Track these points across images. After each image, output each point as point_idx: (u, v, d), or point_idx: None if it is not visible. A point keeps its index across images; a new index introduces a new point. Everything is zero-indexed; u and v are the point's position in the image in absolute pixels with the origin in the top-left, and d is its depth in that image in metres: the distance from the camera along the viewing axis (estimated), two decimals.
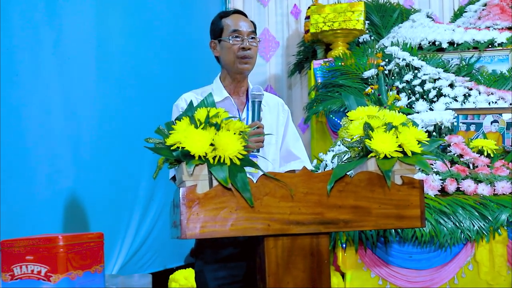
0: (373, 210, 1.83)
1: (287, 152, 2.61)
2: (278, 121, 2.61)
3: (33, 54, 3.03)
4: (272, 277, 1.83)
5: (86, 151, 3.46)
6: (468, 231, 3.33)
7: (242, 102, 2.56)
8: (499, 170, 3.68)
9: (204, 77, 4.96)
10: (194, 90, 2.56)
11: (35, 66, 3.04)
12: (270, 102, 2.59)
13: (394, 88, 4.66)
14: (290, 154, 2.61)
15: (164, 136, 1.79)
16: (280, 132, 2.61)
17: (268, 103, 2.56)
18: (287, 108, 2.70)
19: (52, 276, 2.39)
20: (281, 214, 1.78)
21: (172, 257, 4.46)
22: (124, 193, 3.88)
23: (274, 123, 2.58)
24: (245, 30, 2.50)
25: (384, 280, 3.40)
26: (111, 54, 3.76)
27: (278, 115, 2.62)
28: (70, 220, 3.23)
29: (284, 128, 2.63)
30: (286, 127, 2.64)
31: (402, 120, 1.91)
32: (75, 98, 3.37)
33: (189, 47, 4.89)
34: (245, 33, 2.49)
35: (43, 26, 3.13)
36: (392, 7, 6.10)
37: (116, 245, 3.75)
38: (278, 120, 2.61)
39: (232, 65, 2.50)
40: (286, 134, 2.63)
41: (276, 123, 2.60)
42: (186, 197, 1.72)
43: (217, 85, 2.56)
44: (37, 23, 3.08)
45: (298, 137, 2.67)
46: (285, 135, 2.63)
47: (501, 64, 4.96)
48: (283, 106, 2.68)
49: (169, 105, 2.54)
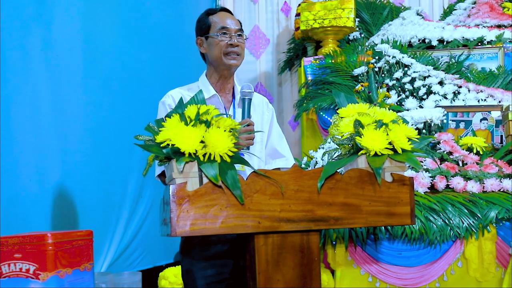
0: (363, 208, 1.83)
1: (272, 150, 2.62)
2: (263, 119, 2.62)
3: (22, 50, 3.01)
4: (262, 274, 1.83)
5: (75, 148, 3.44)
6: (457, 228, 3.35)
7: (229, 100, 2.56)
8: (488, 168, 3.70)
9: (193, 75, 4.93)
10: (180, 87, 2.56)
11: (24, 63, 3.03)
12: (255, 101, 2.59)
13: (384, 85, 4.67)
14: (275, 152, 2.62)
15: (154, 133, 1.78)
16: (265, 130, 2.61)
17: (253, 102, 2.56)
18: (271, 106, 2.71)
19: (41, 274, 2.38)
20: (271, 211, 1.78)
21: (162, 255, 4.45)
22: (113, 190, 3.86)
23: (259, 121, 2.59)
24: (232, 27, 2.50)
25: (374, 277, 3.41)
26: (99, 51, 3.75)
27: (263, 114, 2.63)
28: (59, 217, 3.21)
29: (269, 126, 2.64)
30: (271, 125, 2.65)
31: (393, 117, 1.91)
32: (64, 95, 3.35)
33: (178, 44, 4.88)
34: (232, 30, 2.50)
35: (31, 23, 3.11)
36: (382, 5, 6.11)
37: (105, 243, 3.74)
38: (263, 118, 2.62)
39: (219, 60, 2.49)
40: (271, 132, 2.64)
41: (261, 121, 2.60)
42: (176, 194, 1.72)
43: (204, 82, 2.56)
44: (25, 20, 3.06)
45: (282, 136, 2.69)
46: (270, 133, 2.64)
47: (490, 61, 4.98)
48: (268, 104, 2.68)
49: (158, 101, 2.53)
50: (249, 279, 1.94)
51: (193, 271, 2.39)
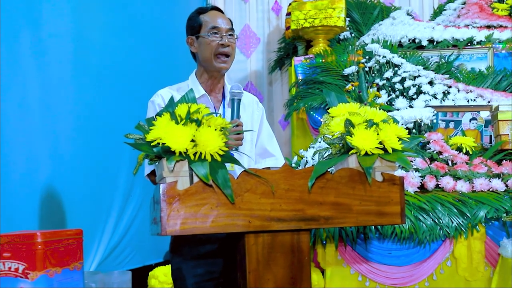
0: (353, 207, 1.83)
1: (262, 150, 2.61)
2: (253, 118, 2.61)
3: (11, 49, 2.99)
4: (252, 273, 1.83)
5: (64, 147, 3.42)
6: (447, 228, 3.36)
7: (218, 99, 2.55)
8: (478, 167, 3.71)
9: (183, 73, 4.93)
10: (169, 86, 2.55)
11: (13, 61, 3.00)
12: (244, 100, 2.58)
13: (374, 85, 4.68)
14: (265, 151, 2.62)
15: (145, 132, 1.77)
16: (255, 129, 2.61)
17: (243, 101, 2.56)
18: (261, 106, 2.70)
19: (30, 273, 2.36)
20: (262, 210, 1.78)
21: (151, 254, 4.44)
22: (102, 189, 3.85)
23: (249, 120, 2.58)
24: (223, 27, 2.49)
25: (363, 277, 3.42)
26: (89, 49, 3.73)
27: (253, 113, 2.62)
28: (48, 216, 3.19)
29: (259, 125, 2.64)
30: (261, 124, 2.65)
31: (383, 117, 1.91)
32: (53, 94, 3.33)
33: (168, 43, 4.87)
34: (223, 30, 2.48)
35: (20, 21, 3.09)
36: (372, 5, 6.13)
37: (94, 242, 3.72)
38: (253, 117, 2.61)
39: (210, 62, 2.48)
40: (261, 131, 2.64)
41: (251, 120, 2.60)
42: (167, 193, 1.71)
43: (193, 81, 2.54)
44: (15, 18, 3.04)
45: (272, 135, 2.68)
46: (260, 133, 2.63)
47: (479, 62, 5.01)
48: (258, 104, 2.68)
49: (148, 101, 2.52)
50: (239, 278, 1.93)
51: (183, 269, 2.38)
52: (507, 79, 4.78)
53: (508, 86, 4.75)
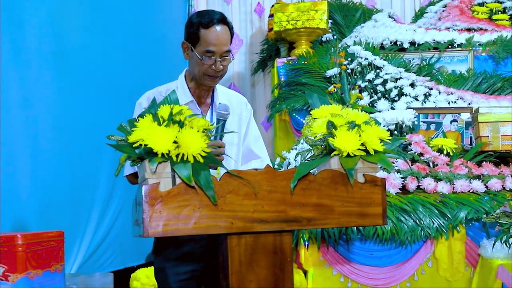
0: (336, 208, 1.84)
1: (248, 151, 2.59)
2: (240, 120, 2.59)
3: None
4: (235, 275, 1.83)
5: (44, 148, 3.40)
6: (428, 229, 3.39)
7: (207, 103, 2.52)
8: (458, 169, 3.75)
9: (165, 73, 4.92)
10: (157, 88, 2.50)
11: None
12: (233, 101, 2.56)
13: (356, 87, 4.70)
14: (251, 152, 2.60)
15: (127, 133, 1.76)
16: (243, 131, 2.59)
17: (231, 103, 2.53)
18: (250, 107, 2.67)
19: (11, 275, 2.34)
20: (244, 212, 1.77)
21: (133, 255, 4.42)
22: (84, 190, 3.82)
23: (236, 122, 2.56)
24: (219, 50, 2.37)
25: (345, 277, 3.43)
26: (70, 49, 3.70)
27: (241, 114, 2.60)
28: (28, 218, 3.16)
29: (246, 127, 2.61)
30: (248, 126, 2.62)
31: (365, 118, 1.92)
32: (33, 94, 3.31)
33: (150, 43, 4.84)
34: (218, 54, 2.37)
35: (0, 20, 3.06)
36: (354, 7, 6.16)
37: (76, 243, 3.69)
38: (240, 119, 2.59)
39: (198, 77, 2.44)
40: (248, 133, 2.61)
41: (238, 122, 2.57)
42: (149, 195, 1.71)
43: (182, 85, 2.50)
44: None
45: (259, 136, 2.65)
46: (247, 134, 2.61)
47: (460, 64, 5.06)
48: (247, 105, 2.65)
49: (129, 101, 2.49)
50: (221, 280, 1.93)
51: (166, 268, 2.38)
52: (487, 81, 4.84)
53: (488, 88, 4.80)
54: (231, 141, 2.47)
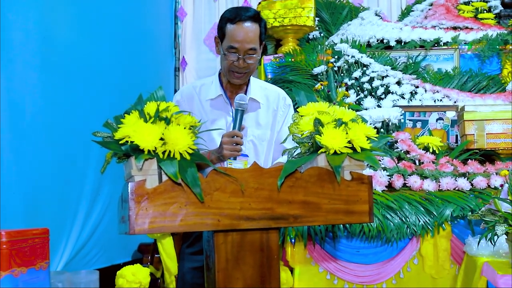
0: (322, 206, 1.84)
1: (281, 147, 2.56)
2: (276, 115, 2.55)
3: None
4: (221, 272, 1.82)
5: (30, 144, 3.37)
6: (414, 226, 3.40)
7: None
8: (444, 167, 3.77)
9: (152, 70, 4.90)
10: (194, 82, 2.50)
11: None
12: (269, 96, 2.53)
13: (343, 84, 4.71)
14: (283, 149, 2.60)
15: (113, 130, 1.75)
16: (277, 126, 2.56)
17: (268, 98, 2.50)
18: (289, 102, 2.62)
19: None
20: (231, 209, 1.77)
21: (119, 253, 4.40)
22: (70, 187, 3.80)
23: (270, 117, 2.52)
24: (242, 47, 2.37)
25: (332, 275, 3.44)
26: (57, 47, 3.68)
27: (278, 109, 2.56)
28: (13, 215, 3.14)
29: (281, 122, 2.58)
30: (284, 122, 2.59)
31: (352, 116, 1.92)
32: (19, 92, 3.28)
33: (137, 40, 4.82)
34: (242, 51, 2.37)
35: None
36: (341, 5, 6.17)
37: (61, 241, 3.67)
38: (276, 114, 2.55)
39: (225, 73, 2.44)
40: (282, 129, 2.59)
41: (273, 117, 2.54)
42: (135, 192, 1.70)
43: (216, 79, 2.50)
44: None
45: None
46: (281, 130, 2.59)
47: (446, 62, 5.08)
48: (285, 100, 2.61)
49: (116, 99, 2.49)
50: (208, 277, 1.93)
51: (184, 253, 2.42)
52: (473, 79, 4.87)
53: (473, 86, 4.83)
54: (263, 137, 2.46)
